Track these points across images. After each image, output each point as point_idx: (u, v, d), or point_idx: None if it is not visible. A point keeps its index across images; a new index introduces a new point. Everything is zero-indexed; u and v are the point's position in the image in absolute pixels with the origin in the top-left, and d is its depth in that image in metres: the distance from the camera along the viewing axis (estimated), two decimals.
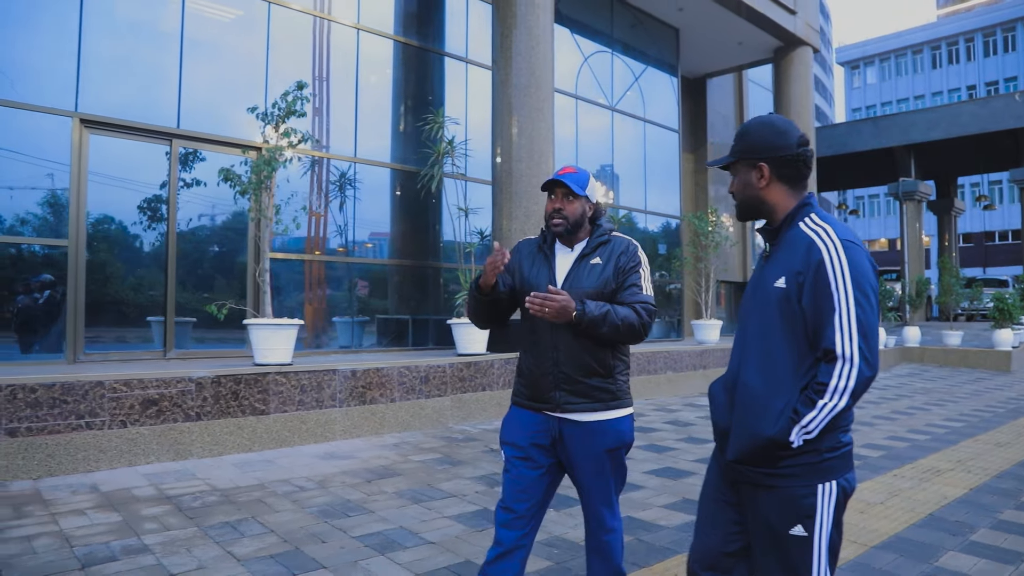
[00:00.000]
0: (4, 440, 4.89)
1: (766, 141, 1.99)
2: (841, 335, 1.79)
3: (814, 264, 1.84)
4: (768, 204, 2.02)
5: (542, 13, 8.75)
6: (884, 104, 54.97)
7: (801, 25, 14.57)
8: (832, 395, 1.79)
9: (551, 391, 2.52)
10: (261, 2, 8.26)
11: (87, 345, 6.85)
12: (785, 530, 1.88)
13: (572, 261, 2.59)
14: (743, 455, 1.92)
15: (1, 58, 6.52)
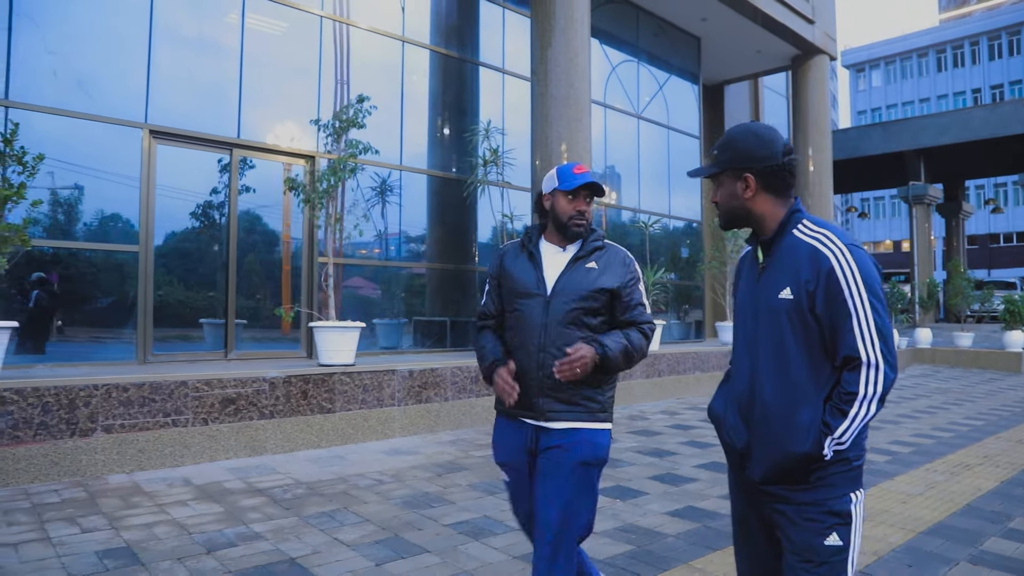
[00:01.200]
0: (101, 436, 5.24)
1: (751, 151, 1.93)
2: (862, 340, 1.77)
3: (824, 272, 1.81)
4: (756, 214, 1.97)
5: (580, 27, 9.11)
6: (889, 107, 55.34)
7: (819, 34, 14.93)
8: (862, 403, 1.78)
9: (536, 398, 2.42)
10: (313, 16, 8.61)
11: (154, 346, 7.20)
12: (821, 542, 1.84)
13: (565, 262, 2.51)
14: (772, 474, 1.88)
15: (80, 73, 6.88)
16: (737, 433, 1.98)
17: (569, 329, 2.40)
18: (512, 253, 2.62)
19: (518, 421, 2.49)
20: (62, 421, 5.09)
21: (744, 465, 1.97)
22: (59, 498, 4.65)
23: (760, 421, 1.90)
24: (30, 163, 5.26)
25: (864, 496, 1.91)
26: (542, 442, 2.43)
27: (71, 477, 5.10)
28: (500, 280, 2.60)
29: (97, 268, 7.06)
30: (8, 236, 5.03)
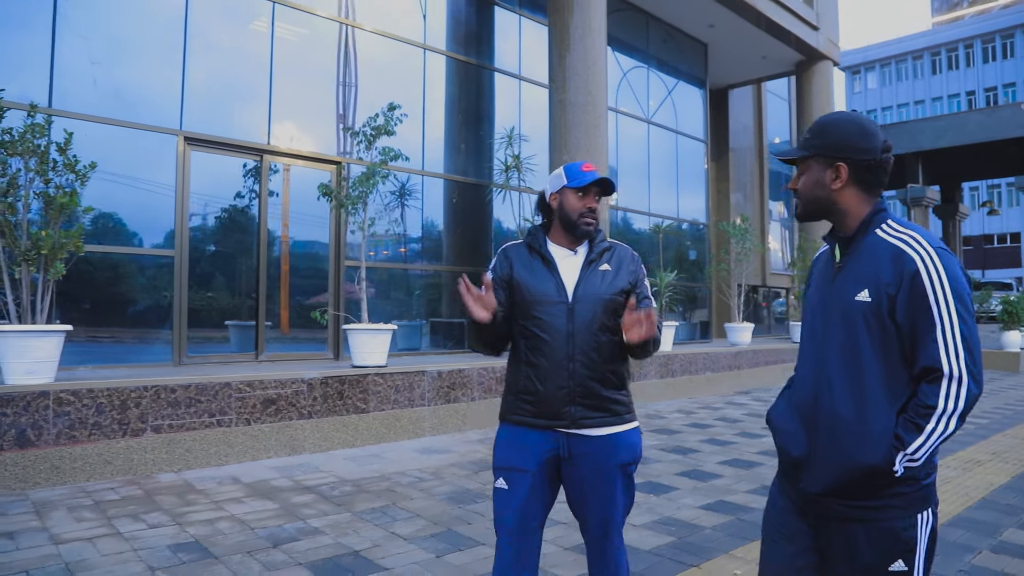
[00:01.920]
0: (151, 436, 5.44)
1: (849, 141, 1.81)
2: (946, 351, 1.65)
3: (908, 275, 1.69)
4: (840, 207, 1.84)
5: (597, 36, 9.35)
6: (884, 109, 55.85)
7: (823, 40, 15.22)
8: (940, 419, 1.65)
9: (566, 406, 2.37)
10: (338, 24, 8.82)
11: (189, 348, 7.40)
12: (885, 566, 1.73)
13: (580, 266, 2.46)
14: (835, 487, 1.76)
15: (119, 81, 7.07)
16: (795, 440, 1.87)
17: (597, 335, 2.37)
18: (521, 258, 2.52)
19: (545, 430, 2.42)
20: (114, 421, 5.29)
21: (799, 476, 1.85)
22: (117, 495, 4.85)
23: (826, 429, 1.78)
24: (82, 171, 5.45)
25: (932, 518, 1.76)
26: (576, 448, 2.40)
27: (124, 475, 5.30)
28: (511, 284, 2.48)
29: (135, 272, 7.25)
30: (65, 242, 5.22)
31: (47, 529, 4.12)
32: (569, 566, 3.69)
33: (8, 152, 5.08)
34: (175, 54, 7.43)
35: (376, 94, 8.99)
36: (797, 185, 1.91)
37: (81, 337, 6.88)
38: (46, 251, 5.11)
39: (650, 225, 12.98)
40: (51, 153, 5.33)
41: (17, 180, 5.14)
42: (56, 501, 4.67)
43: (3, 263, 5.13)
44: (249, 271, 7.96)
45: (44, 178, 5.27)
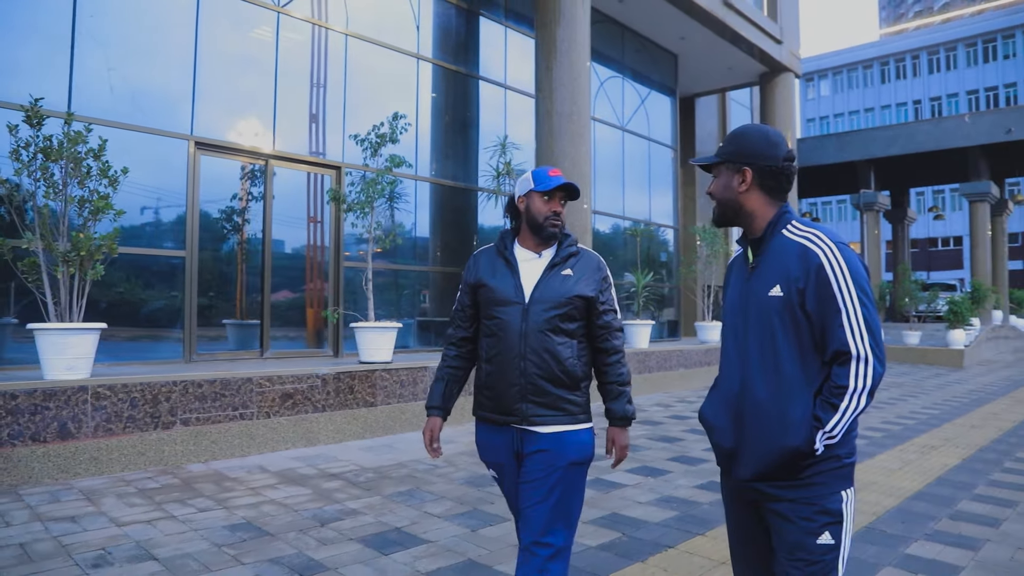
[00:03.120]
0: (180, 429, 5.77)
1: (754, 148, 1.98)
2: (852, 335, 1.80)
3: (813, 268, 1.84)
4: (746, 210, 2.00)
5: (581, 49, 9.86)
6: (837, 115, 57.82)
7: (786, 53, 16.02)
8: (852, 396, 1.80)
9: (517, 403, 2.46)
10: (339, 34, 9.18)
11: (198, 345, 7.68)
12: (813, 540, 1.85)
13: (542, 269, 2.55)
14: (762, 471, 1.90)
15: (135, 88, 7.33)
16: (726, 434, 2.00)
17: (547, 336, 2.45)
18: (487, 261, 2.64)
19: (501, 426, 2.53)
20: (147, 415, 5.60)
21: (731, 467, 2.00)
22: (157, 484, 5.18)
23: (751, 418, 1.92)
24: (114, 176, 5.74)
25: (855, 494, 1.92)
26: (528, 445, 2.47)
27: (156, 466, 5.61)
28: (476, 287, 2.61)
29: (148, 272, 7.51)
30: (101, 244, 5.51)
31: (104, 513, 4.44)
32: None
33: (51, 159, 5.36)
34: (186, 61, 7.71)
35: (372, 101, 9.37)
36: (710, 189, 2.08)
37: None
38: (84, 252, 5.39)
39: (625, 228, 13.57)
40: (86, 159, 5.61)
41: (58, 185, 5.41)
42: (102, 489, 4.98)
43: (43, 264, 5.40)
44: (253, 271, 8.27)
45: (81, 183, 5.54)
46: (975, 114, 23.17)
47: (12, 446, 4.97)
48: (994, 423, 8.63)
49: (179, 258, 7.58)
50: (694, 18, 13.54)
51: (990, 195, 23.83)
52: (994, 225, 26.24)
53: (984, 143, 22.33)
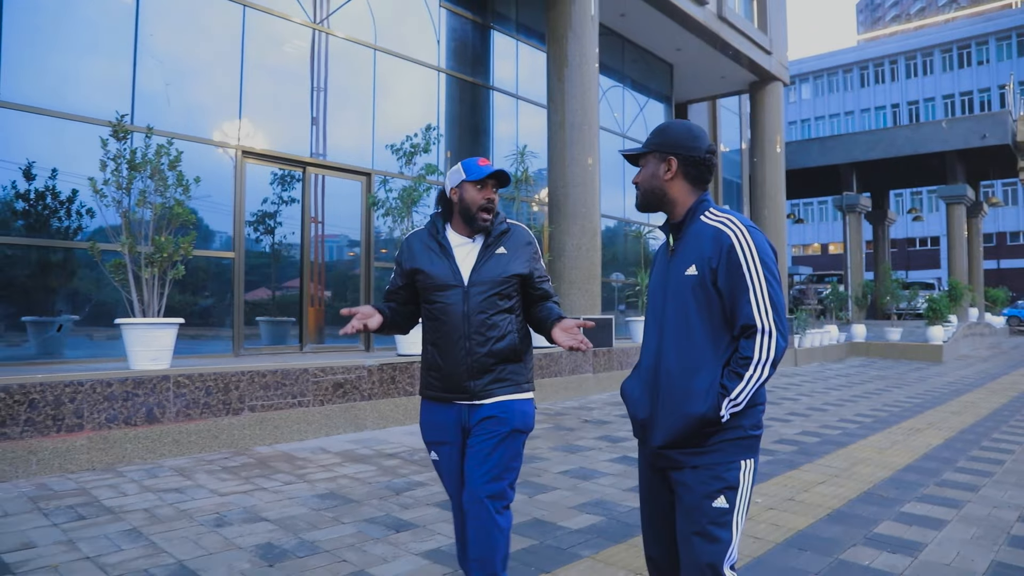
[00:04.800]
0: (247, 415, 6.37)
1: (680, 140, 2.10)
2: (758, 310, 1.93)
3: (725, 249, 1.96)
4: (669, 196, 2.11)
5: (591, 63, 10.55)
6: (818, 118, 59.14)
7: (775, 63, 16.84)
8: (756, 367, 1.93)
9: (465, 381, 2.55)
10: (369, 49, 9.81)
11: (245, 341, 8.27)
12: (708, 504, 1.97)
13: (477, 251, 2.62)
14: (671, 439, 2.00)
15: (189, 100, 7.93)
16: (640, 405, 2.12)
17: (487, 314, 2.56)
18: (420, 246, 2.71)
19: (449, 403, 2.63)
20: (220, 402, 6.19)
21: (646, 437, 2.11)
22: (236, 463, 5.77)
23: (664, 389, 2.03)
24: (187, 184, 6.33)
25: (755, 466, 2.05)
26: (475, 416, 2.58)
27: (228, 448, 6.21)
28: (413, 274, 2.68)
29: (201, 272, 8.09)
30: (179, 247, 6.10)
31: (202, 486, 5.04)
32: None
33: (137, 169, 5.94)
34: (233, 75, 8.31)
35: (398, 111, 10.01)
36: (636, 178, 2.19)
37: None
38: (165, 254, 5.98)
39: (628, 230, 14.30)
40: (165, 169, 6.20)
41: (146, 195, 6.00)
42: (189, 467, 5.57)
43: (129, 265, 5.98)
44: (292, 272, 8.87)
45: (162, 192, 6.13)
46: (952, 120, 24.24)
47: (109, 428, 5.55)
48: (972, 410, 9.43)
49: (228, 259, 8.17)
50: (690, 30, 14.29)
51: (966, 197, 24.91)
52: (970, 226, 27.35)
53: (960, 148, 23.41)
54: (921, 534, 4.19)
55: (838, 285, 22.29)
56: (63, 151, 7.10)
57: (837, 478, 5.54)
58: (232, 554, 3.72)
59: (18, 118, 6.85)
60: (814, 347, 16.77)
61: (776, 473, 5.67)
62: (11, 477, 5.04)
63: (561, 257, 10.09)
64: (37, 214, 7.01)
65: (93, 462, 5.41)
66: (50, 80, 7.07)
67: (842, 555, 3.80)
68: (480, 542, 2.54)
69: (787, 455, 6.38)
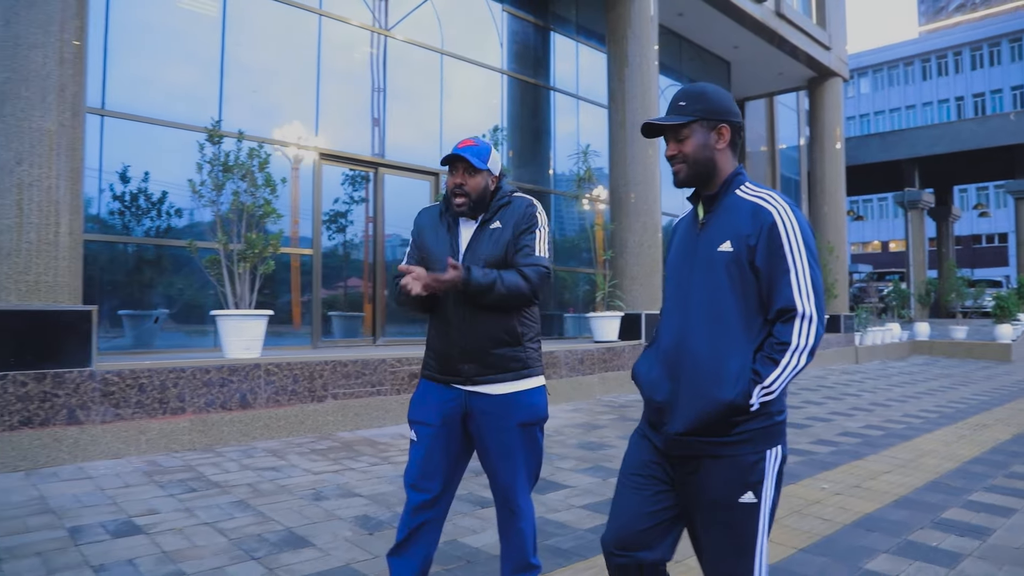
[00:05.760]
0: (331, 402, 6.76)
1: (726, 105, 1.97)
2: (799, 293, 1.81)
3: (767, 226, 1.84)
4: (718, 168, 1.97)
5: (651, 62, 10.74)
6: (877, 113, 57.71)
7: (834, 59, 16.69)
8: (793, 353, 1.80)
9: (459, 363, 2.47)
10: (437, 54, 10.21)
11: (322, 335, 8.72)
12: (735, 499, 1.85)
13: (474, 228, 2.55)
14: (696, 424, 1.85)
15: (271, 104, 8.43)
16: (659, 387, 1.97)
17: None
18: (430, 223, 2.66)
19: (447, 385, 2.55)
20: (306, 390, 6.60)
21: (663, 420, 1.95)
22: (323, 446, 6.17)
23: (689, 371, 1.89)
24: (274, 184, 6.76)
25: (782, 455, 1.91)
26: (476, 405, 2.50)
27: (313, 433, 6.61)
28: (419, 247, 2.65)
29: (283, 269, 8.57)
30: (269, 244, 6.53)
31: (296, 466, 5.43)
32: None
33: (232, 172, 6.39)
34: (310, 80, 8.78)
35: (462, 113, 10.37)
36: (680, 151, 1.99)
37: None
38: (256, 250, 6.42)
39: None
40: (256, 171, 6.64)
41: (238, 195, 6.45)
42: (281, 449, 5.98)
43: (224, 261, 6.44)
44: (364, 268, 9.29)
45: (251, 192, 6.57)
46: (1021, 112, 23.51)
47: (207, 412, 6.00)
48: None
49: (308, 256, 8.63)
50: (747, 28, 14.30)
51: None
52: None
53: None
54: (989, 520, 4.30)
55: (900, 283, 21.88)
56: (157, 155, 7.62)
57: (903, 468, 5.64)
58: (334, 524, 4.07)
59: (120, 125, 7.39)
60: (875, 345, 16.57)
61: (841, 463, 5.81)
62: (124, 454, 5.51)
63: (623, 253, 10.30)
64: (135, 214, 7.53)
65: (194, 442, 5.86)
66: (146, 89, 7.60)
67: (910, 536, 3.96)
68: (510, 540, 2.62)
69: (851, 446, 6.48)
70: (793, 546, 3.78)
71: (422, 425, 2.58)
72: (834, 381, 12.10)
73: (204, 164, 6.47)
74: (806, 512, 4.41)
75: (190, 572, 3.32)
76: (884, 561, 3.58)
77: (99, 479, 4.92)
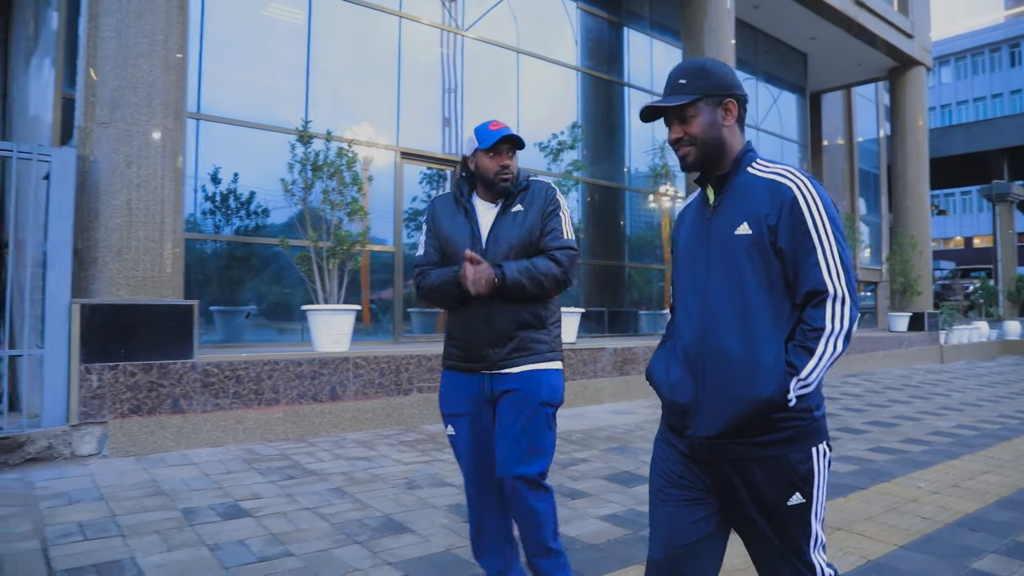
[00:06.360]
0: (416, 395, 6.91)
1: (730, 79, 1.84)
2: (828, 272, 1.66)
3: (787, 203, 1.70)
4: (727, 146, 1.83)
5: (729, 54, 10.59)
6: (960, 103, 55.16)
7: (917, 47, 16.09)
8: (829, 339, 1.66)
9: (485, 349, 2.45)
10: (513, 53, 10.33)
11: (403, 331, 8.92)
12: (783, 501, 1.72)
13: (496, 213, 2.53)
14: (729, 426, 1.71)
15: (352, 105, 8.67)
16: (681, 387, 1.82)
17: None
18: (447, 210, 2.64)
19: (470, 373, 2.54)
20: (392, 383, 6.76)
21: (686, 423, 1.80)
22: (410, 438, 6.31)
23: (714, 368, 1.74)
24: (362, 182, 6.96)
25: (828, 450, 1.77)
26: (498, 386, 2.48)
27: (399, 425, 6.77)
28: (436, 235, 2.62)
29: (368, 265, 8.81)
30: (357, 241, 6.72)
31: (386, 456, 5.58)
32: None
33: (323, 172, 6.61)
34: (391, 80, 9.01)
35: (537, 111, 10.44)
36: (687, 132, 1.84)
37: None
38: (345, 247, 6.61)
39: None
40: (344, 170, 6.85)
41: (328, 194, 6.67)
42: (370, 441, 6.15)
43: (314, 257, 6.66)
44: None
45: (340, 191, 6.78)
46: None
47: (300, 403, 6.22)
48: None
49: (389, 253, 8.84)
50: (825, 18, 13.93)
51: None
52: None
53: None
54: None
55: (987, 280, 20.91)
56: (246, 157, 7.92)
57: (1003, 468, 5.43)
58: (429, 511, 4.17)
59: (211, 128, 7.72)
60: (962, 344, 15.93)
61: (935, 462, 5.63)
62: (223, 442, 5.76)
63: None
64: (224, 213, 7.85)
65: (287, 432, 6.08)
66: (238, 93, 7.91)
67: (1020, 537, 3.81)
68: (524, 522, 2.51)
69: (944, 446, 6.28)
70: (893, 543, 3.70)
71: (458, 417, 2.59)
72: (919, 380, 11.70)
73: (295, 164, 6.70)
74: (903, 510, 4.30)
75: (298, 553, 3.46)
76: (992, 561, 3.46)
77: (203, 465, 5.17)
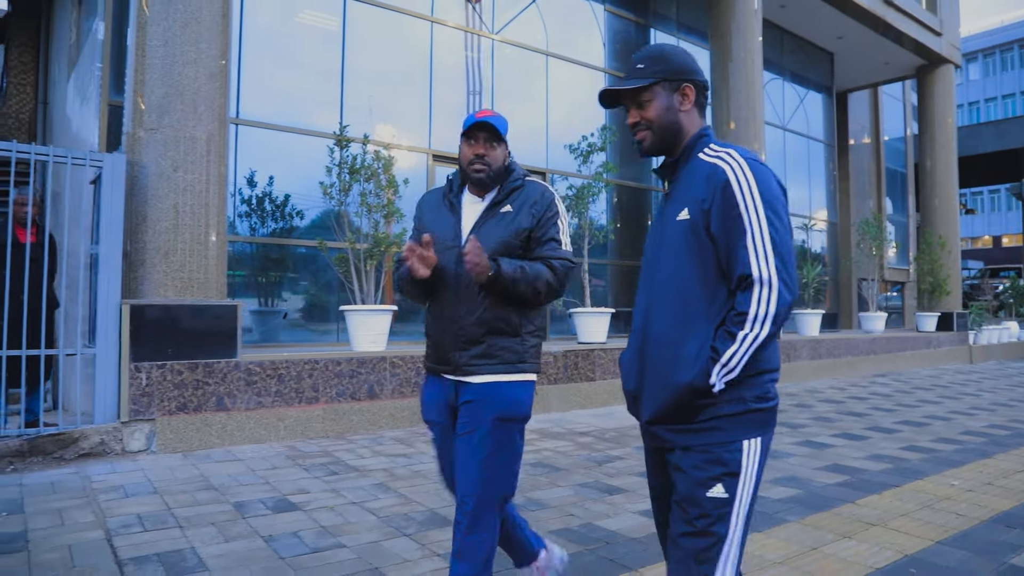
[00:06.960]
0: None
1: (688, 64, 1.83)
2: (756, 257, 1.63)
3: (720, 186, 1.67)
4: (683, 131, 1.82)
5: (755, 57, 10.61)
6: (988, 100, 54.35)
7: (945, 45, 15.98)
8: (752, 324, 1.62)
9: (452, 351, 2.31)
10: (542, 55, 10.44)
11: None
12: (703, 492, 1.66)
13: (481, 210, 2.39)
14: (658, 412, 1.72)
15: (386, 109, 8.85)
16: (629, 375, 1.84)
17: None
18: (432, 205, 2.55)
19: (440, 377, 2.41)
20: None
21: (637, 410, 1.82)
22: None
23: (651, 355, 1.75)
24: (398, 185, 7.11)
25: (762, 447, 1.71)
26: (461, 396, 2.33)
27: None
28: (420, 232, 2.50)
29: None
30: (393, 243, 6.87)
31: (424, 453, 5.70)
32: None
33: (360, 175, 6.77)
34: (424, 84, 9.16)
35: (565, 113, 10.53)
36: (643, 116, 1.84)
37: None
38: (382, 248, 6.76)
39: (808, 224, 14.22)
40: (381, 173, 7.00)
41: (365, 197, 6.83)
42: (407, 438, 6.29)
43: (351, 259, 6.82)
44: None
45: (377, 193, 6.93)
46: None
47: (339, 402, 6.38)
48: None
49: None
50: (852, 17, 13.88)
51: None
52: None
53: None
54: None
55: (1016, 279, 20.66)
56: (282, 160, 8.11)
57: None
58: None
59: (251, 133, 7.91)
60: (991, 344, 15.79)
61: (967, 461, 5.66)
62: (266, 439, 5.93)
63: None
64: (261, 216, 8.03)
65: (327, 430, 6.24)
66: (275, 98, 8.10)
67: None
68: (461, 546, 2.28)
69: (977, 445, 6.29)
70: (930, 539, 3.75)
71: (432, 426, 2.49)
72: (949, 380, 11.64)
73: (333, 167, 6.86)
74: (937, 507, 4.35)
75: (350, 545, 3.59)
76: None
77: (248, 461, 5.34)
